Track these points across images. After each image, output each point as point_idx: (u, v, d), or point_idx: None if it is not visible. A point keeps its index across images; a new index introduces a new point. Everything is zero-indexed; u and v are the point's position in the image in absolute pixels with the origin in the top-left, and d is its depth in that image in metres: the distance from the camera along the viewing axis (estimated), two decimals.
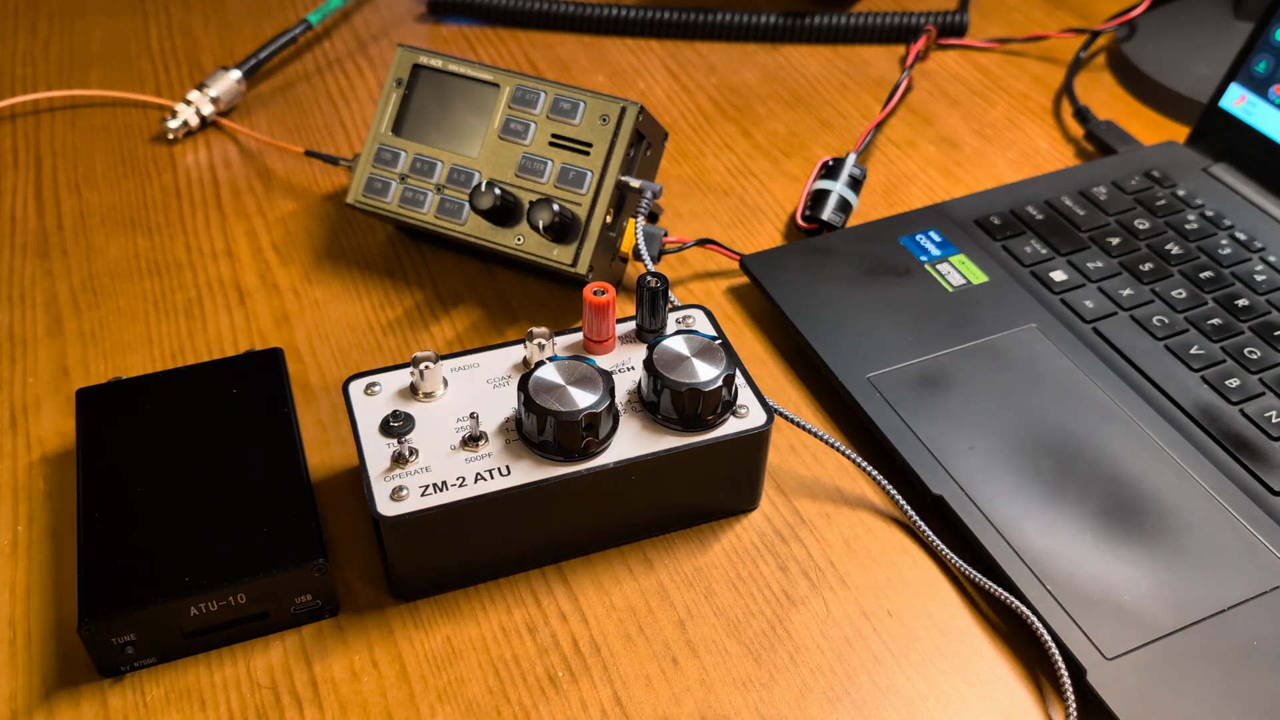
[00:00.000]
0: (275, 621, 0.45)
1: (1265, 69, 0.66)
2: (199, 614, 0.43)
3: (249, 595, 0.43)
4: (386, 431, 0.46)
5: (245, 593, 0.43)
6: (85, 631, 0.41)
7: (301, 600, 0.44)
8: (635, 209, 0.57)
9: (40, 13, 0.86)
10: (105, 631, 0.42)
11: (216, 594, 0.42)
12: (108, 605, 0.42)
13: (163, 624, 0.43)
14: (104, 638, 0.42)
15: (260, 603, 0.44)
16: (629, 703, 0.43)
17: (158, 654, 0.44)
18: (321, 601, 0.45)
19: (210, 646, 0.44)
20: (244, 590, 0.43)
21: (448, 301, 0.61)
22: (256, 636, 0.45)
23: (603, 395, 0.45)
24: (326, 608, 0.45)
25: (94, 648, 0.42)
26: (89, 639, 0.42)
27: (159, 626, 0.43)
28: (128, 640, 0.42)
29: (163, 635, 0.43)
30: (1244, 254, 0.61)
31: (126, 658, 0.43)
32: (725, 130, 0.75)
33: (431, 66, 0.60)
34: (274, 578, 0.43)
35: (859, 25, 0.83)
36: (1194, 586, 0.45)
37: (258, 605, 0.44)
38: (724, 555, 0.48)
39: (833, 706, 0.43)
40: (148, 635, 0.43)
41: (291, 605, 0.44)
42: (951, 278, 0.60)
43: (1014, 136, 0.74)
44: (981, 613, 0.46)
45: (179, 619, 0.43)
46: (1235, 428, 0.51)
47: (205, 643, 0.44)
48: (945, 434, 0.51)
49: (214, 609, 0.43)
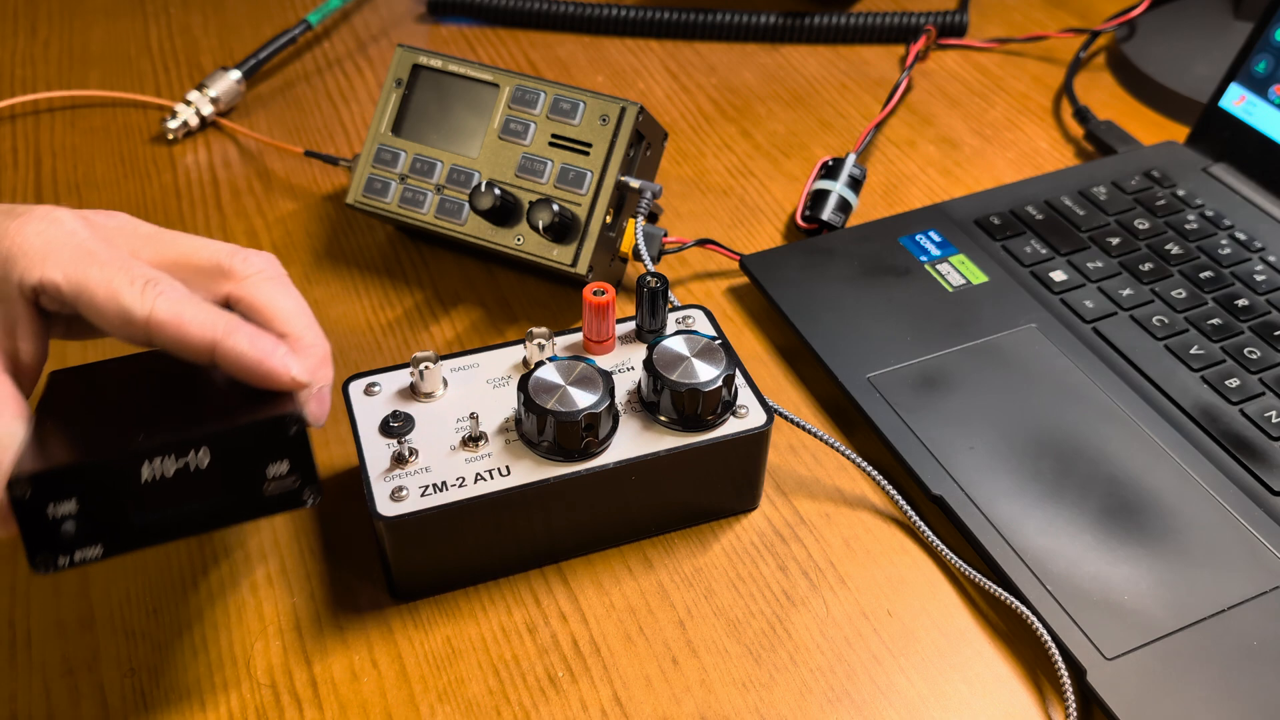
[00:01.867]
0: (246, 503, 0.38)
1: (1265, 69, 0.66)
2: (152, 480, 0.36)
3: (212, 453, 0.37)
4: (386, 432, 0.46)
5: (208, 448, 0.37)
6: (15, 492, 0.35)
7: (276, 473, 0.38)
8: (635, 209, 0.57)
9: (40, 13, 0.86)
10: (39, 493, 0.35)
11: (172, 446, 0.36)
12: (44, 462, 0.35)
13: (110, 490, 0.36)
14: (38, 504, 0.35)
15: (226, 470, 0.37)
16: (629, 703, 0.43)
17: (104, 540, 0.36)
18: (299, 477, 0.38)
19: (167, 535, 0.37)
20: (206, 444, 0.37)
21: (447, 301, 0.61)
22: (224, 524, 0.39)
23: (603, 395, 0.45)
24: (306, 487, 0.38)
25: (26, 520, 0.35)
26: (20, 505, 0.35)
27: (106, 494, 0.36)
28: (67, 513, 0.35)
29: (110, 511, 0.36)
30: (1244, 254, 0.61)
31: (65, 539, 0.36)
32: (725, 130, 0.75)
33: (431, 67, 0.60)
34: (241, 430, 0.37)
35: (859, 25, 0.83)
36: (1194, 586, 0.45)
37: (222, 473, 0.37)
38: (724, 555, 0.48)
39: (833, 707, 0.43)
40: (92, 507, 0.36)
41: (264, 480, 0.38)
42: (951, 278, 0.60)
43: (1014, 136, 0.74)
44: (981, 613, 0.46)
45: (128, 482, 0.36)
46: (1235, 428, 0.51)
47: (161, 527, 0.37)
48: (945, 434, 0.51)
49: (169, 474, 0.36)
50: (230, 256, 0.42)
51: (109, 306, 0.38)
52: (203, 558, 0.48)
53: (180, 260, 0.41)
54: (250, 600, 0.46)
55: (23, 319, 0.40)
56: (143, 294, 0.38)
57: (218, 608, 0.46)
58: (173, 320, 0.38)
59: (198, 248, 0.42)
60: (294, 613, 0.46)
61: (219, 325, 0.39)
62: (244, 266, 0.42)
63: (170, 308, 0.38)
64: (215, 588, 0.47)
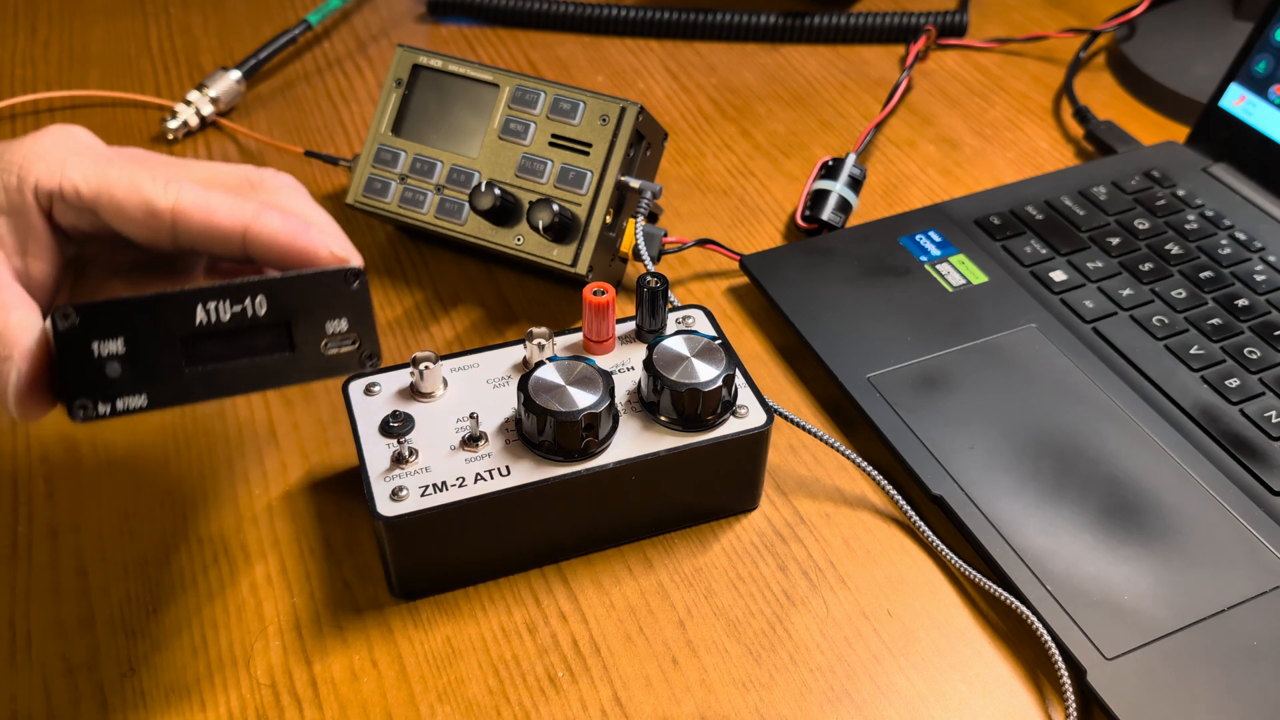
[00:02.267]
0: (301, 362, 0.36)
1: (1265, 69, 0.66)
2: (207, 324, 0.35)
3: (269, 301, 0.35)
4: (386, 432, 0.46)
5: (265, 295, 0.35)
6: (61, 322, 0.33)
7: (335, 330, 0.37)
8: (635, 209, 0.57)
9: (40, 13, 0.86)
10: (86, 327, 0.33)
11: (229, 290, 0.35)
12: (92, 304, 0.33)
13: (161, 333, 0.34)
14: (82, 339, 0.33)
15: (283, 322, 0.36)
16: (629, 703, 0.43)
17: (150, 389, 0.34)
18: (358, 337, 0.37)
19: (217, 391, 0.35)
20: (263, 291, 0.35)
21: (448, 301, 0.61)
22: (277, 383, 0.37)
23: (602, 395, 0.45)
24: (365, 350, 0.37)
25: (69, 357, 0.33)
26: (64, 337, 0.33)
27: (156, 337, 0.34)
28: (113, 353, 0.33)
29: (160, 356, 0.34)
30: (1244, 254, 0.61)
31: (108, 384, 0.34)
32: (725, 130, 0.75)
33: (431, 67, 0.60)
34: (300, 279, 0.36)
35: (859, 25, 0.83)
36: (1194, 586, 0.45)
37: (279, 326, 0.36)
38: (724, 555, 0.48)
39: (833, 707, 0.43)
40: (141, 350, 0.34)
41: (323, 336, 0.36)
42: (951, 278, 0.60)
43: (1014, 136, 0.74)
44: (981, 613, 0.46)
45: (181, 323, 0.34)
46: (1235, 428, 0.51)
47: (212, 381, 0.35)
48: (945, 434, 0.51)
49: (225, 317, 0.35)
50: (256, 173, 0.41)
51: (131, 200, 0.37)
52: (203, 558, 0.48)
53: (204, 179, 0.40)
54: (250, 600, 0.46)
55: (36, 233, 0.38)
56: (165, 187, 0.37)
57: (218, 608, 0.46)
58: (199, 207, 0.37)
59: (220, 169, 0.41)
60: (294, 613, 0.46)
61: (248, 209, 0.38)
62: (274, 180, 0.41)
63: (195, 196, 0.37)
64: (215, 588, 0.47)
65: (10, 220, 0.38)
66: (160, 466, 0.52)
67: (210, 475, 0.51)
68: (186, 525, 0.49)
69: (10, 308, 0.36)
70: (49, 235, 0.39)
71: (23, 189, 0.38)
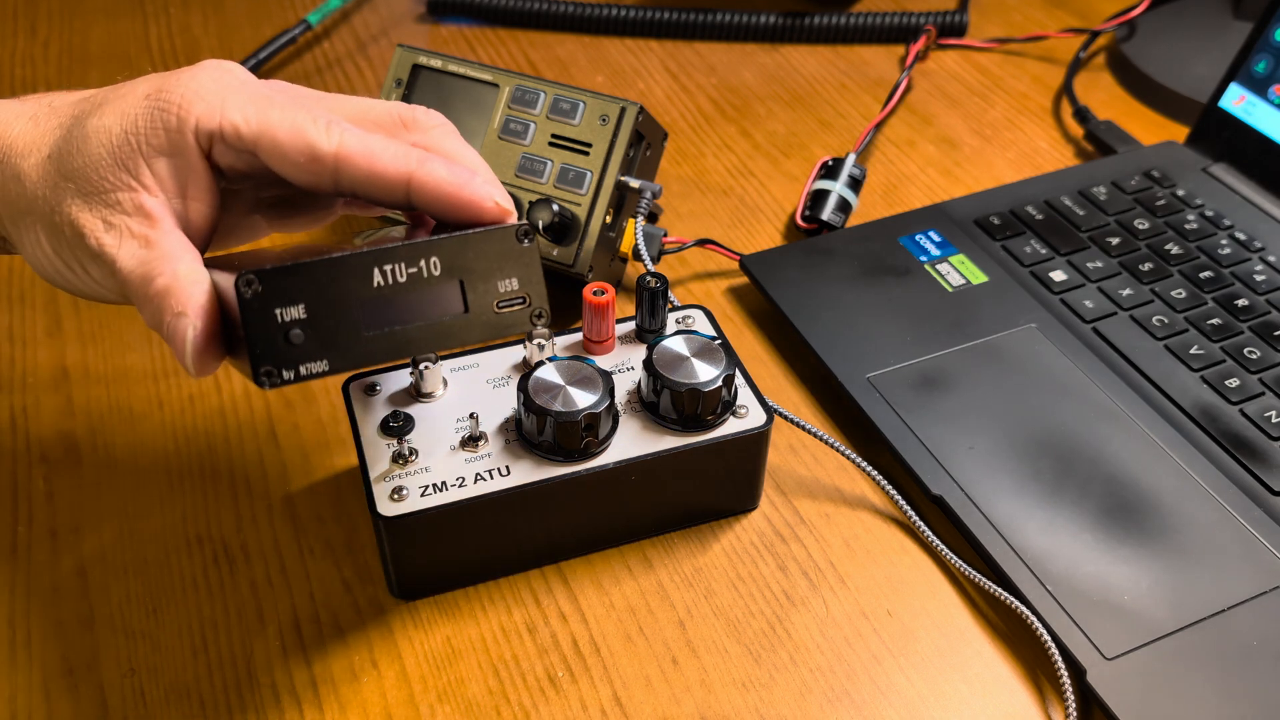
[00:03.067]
0: (475, 319, 0.37)
1: (1265, 69, 0.66)
2: (384, 286, 0.36)
3: (442, 262, 0.36)
4: (386, 432, 0.46)
5: (438, 257, 0.36)
6: (244, 289, 0.33)
7: (507, 289, 0.37)
8: (635, 209, 0.57)
9: (40, 13, 0.86)
10: (269, 294, 0.34)
11: (404, 253, 0.36)
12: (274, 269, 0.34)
13: (340, 298, 0.35)
14: (266, 306, 0.34)
15: (457, 282, 0.37)
16: (629, 703, 0.43)
17: (331, 354, 0.35)
18: (529, 295, 0.38)
19: (396, 353, 0.37)
20: (436, 253, 0.36)
21: None
22: (453, 342, 0.38)
23: (602, 395, 0.45)
24: (534, 308, 0.38)
25: (254, 324, 0.34)
26: (249, 306, 0.33)
27: (336, 300, 0.35)
28: (295, 319, 0.34)
29: (339, 320, 0.35)
30: (1244, 254, 0.61)
31: (293, 351, 0.35)
32: (725, 130, 0.75)
33: (431, 66, 0.60)
34: (473, 238, 0.37)
35: (859, 25, 0.83)
36: (1194, 586, 0.45)
37: (453, 287, 0.37)
38: (724, 555, 0.48)
39: (833, 706, 0.43)
40: (321, 315, 0.35)
41: (495, 296, 0.37)
42: (951, 278, 0.60)
43: (1014, 136, 0.74)
44: (981, 613, 0.46)
45: (360, 286, 0.35)
46: (1235, 428, 0.51)
47: (389, 344, 0.36)
48: (945, 434, 0.51)
49: (401, 279, 0.36)
50: (410, 110, 0.41)
51: (294, 144, 0.37)
52: (203, 558, 0.48)
53: (356, 116, 0.40)
54: (250, 600, 0.46)
55: (196, 174, 0.38)
56: (328, 131, 0.37)
57: (218, 608, 0.46)
58: (363, 153, 0.37)
59: (372, 105, 0.41)
60: (294, 613, 0.46)
61: (411, 156, 0.38)
62: (426, 119, 0.40)
63: (359, 141, 0.37)
64: (215, 588, 0.47)
65: (171, 162, 0.37)
66: (160, 466, 0.52)
67: (210, 475, 0.51)
68: (186, 525, 0.49)
69: (177, 258, 0.36)
70: (208, 176, 0.38)
71: (183, 129, 0.37)
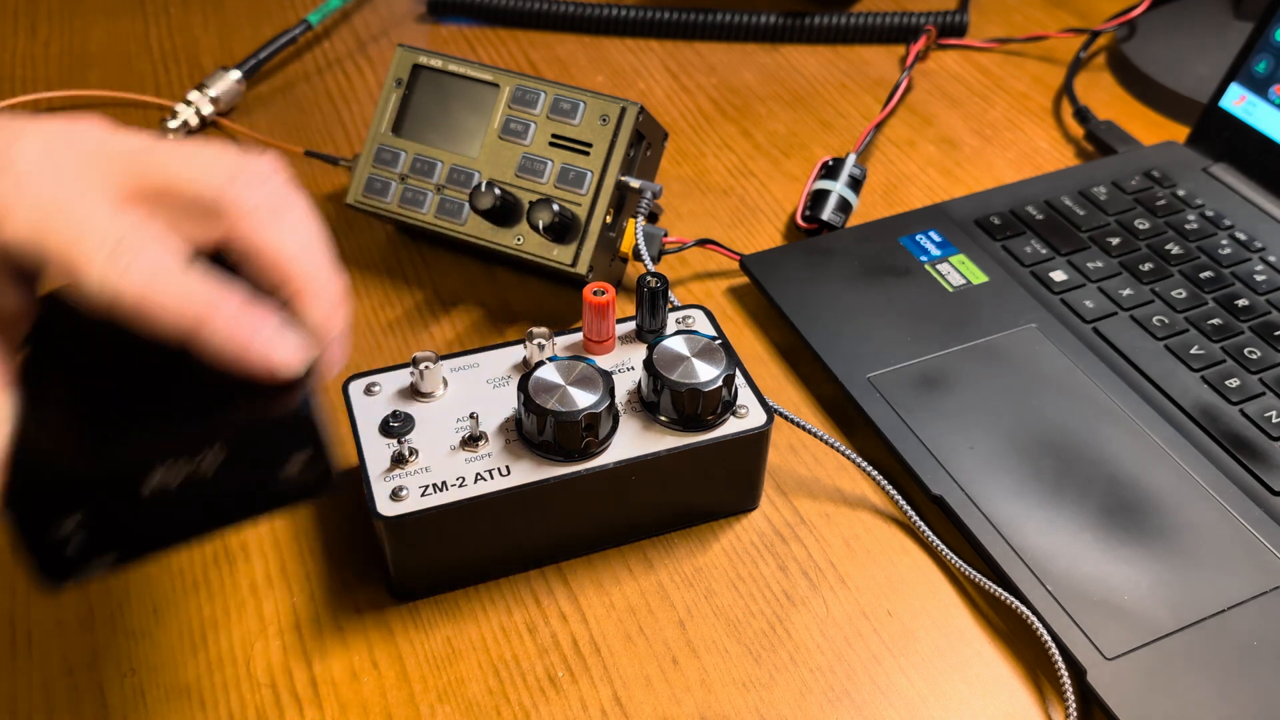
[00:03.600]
0: (258, 500, 0.35)
1: (1265, 69, 0.66)
2: (164, 483, 0.33)
3: (226, 448, 0.34)
4: (386, 432, 0.46)
5: (220, 443, 0.33)
6: (12, 512, 0.31)
7: (292, 467, 0.35)
8: (635, 209, 0.57)
9: (40, 13, 0.86)
10: (41, 510, 0.31)
11: (184, 445, 0.33)
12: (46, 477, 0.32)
13: (119, 498, 0.33)
14: (40, 520, 0.32)
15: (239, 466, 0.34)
16: (629, 703, 0.43)
17: (118, 547, 0.33)
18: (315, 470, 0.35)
19: (183, 536, 0.35)
20: (218, 440, 0.33)
21: (448, 301, 0.61)
22: (242, 519, 0.36)
23: (603, 395, 0.45)
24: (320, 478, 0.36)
25: (30, 538, 0.32)
26: (19, 524, 0.31)
27: (114, 503, 0.33)
28: (75, 526, 0.32)
29: (120, 515, 0.33)
30: (1244, 254, 0.61)
31: (73, 555, 0.33)
32: (725, 130, 0.75)
33: (431, 66, 0.60)
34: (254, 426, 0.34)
35: (859, 25, 0.83)
36: (1194, 586, 0.45)
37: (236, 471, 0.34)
38: (724, 555, 0.48)
39: (833, 706, 0.43)
40: (101, 518, 0.33)
41: (278, 474, 0.35)
42: (951, 278, 0.60)
43: (1014, 136, 0.74)
44: (981, 613, 0.46)
45: (139, 490, 0.33)
46: (1235, 428, 0.51)
47: (177, 525, 0.34)
48: (945, 434, 0.51)
49: (181, 476, 0.33)
50: (222, 191, 0.35)
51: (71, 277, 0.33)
52: (203, 558, 0.48)
53: (166, 189, 0.35)
54: (250, 600, 0.46)
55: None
56: (107, 268, 0.33)
57: (218, 607, 0.46)
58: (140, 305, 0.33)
59: (186, 177, 0.35)
60: (294, 613, 0.46)
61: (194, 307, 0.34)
62: (237, 203, 0.35)
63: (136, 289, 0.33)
64: (215, 587, 0.47)
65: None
66: None
67: None
68: None
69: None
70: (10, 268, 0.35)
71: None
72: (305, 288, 0.36)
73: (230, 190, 0.35)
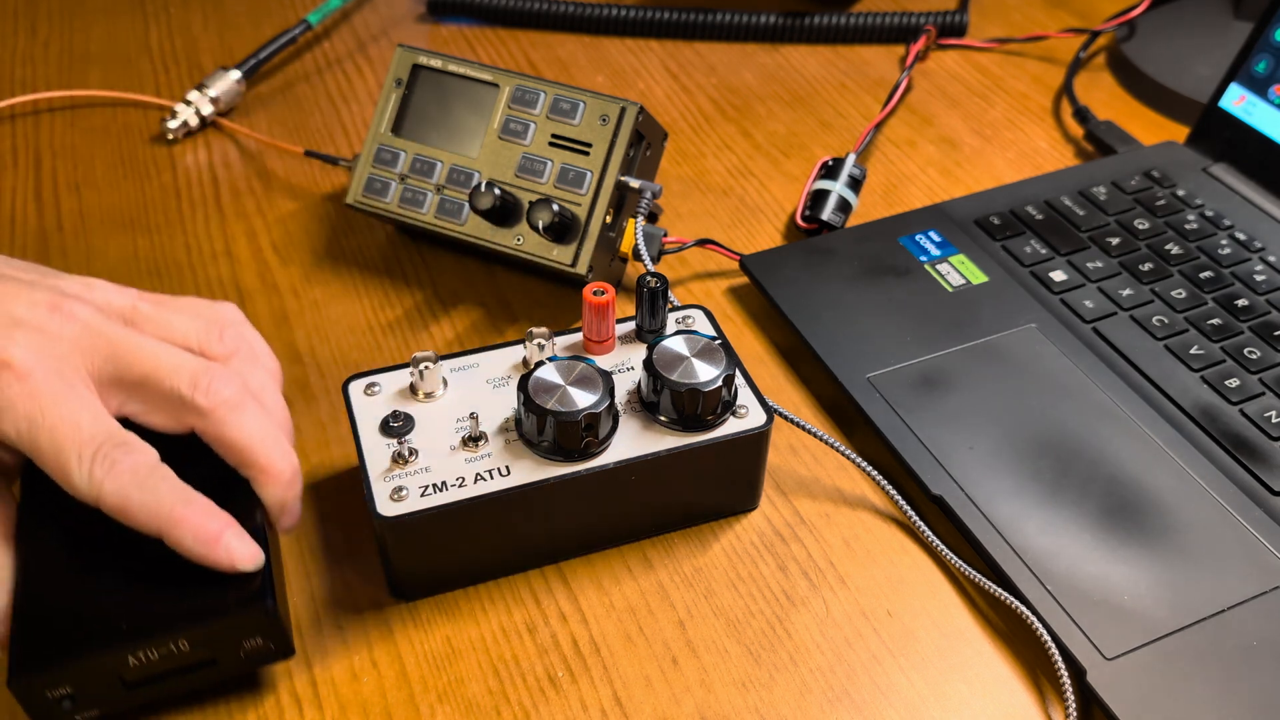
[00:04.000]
0: (224, 667, 0.41)
1: (1265, 69, 0.66)
2: (140, 664, 0.39)
3: (192, 642, 0.40)
4: (386, 431, 0.46)
5: (188, 639, 0.39)
6: (16, 685, 0.38)
7: (251, 645, 0.41)
8: (635, 209, 0.57)
9: (40, 13, 0.86)
10: (39, 685, 0.38)
11: (156, 642, 0.39)
12: (40, 656, 0.38)
13: (101, 675, 0.39)
14: (38, 692, 0.38)
15: (206, 649, 0.40)
16: (629, 703, 0.43)
17: (101, 706, 0.40)
18: (273, 644, 0.41)
19: (158, 696, 0.41)
20: (186, 637, 0.39)
21: (447, 301, 0.61)
22: (211, 681, 0.41)
23: (602, 395, 0.45)
24: (279, 650, 0.41)
25: (29, 703, 0.39)
26: (21, 693, 0.38)
27: (97, 678, 0.39)
28: (65, 694, 0.39)
29: (103, 687, 0.39)
30: (1244, 254, 0.61)
31: (65, 712, 0.39)
32: (725, 130, 0.75)
33: (431, 66, 0.60)
34: (218, 623, 0.40)
35: (859, 25, 0.83)
36: (1194, 586, 0.45)
37: (203, 652, 0.40)
38: (724, 555, 0.48)
39: (833, 707, 0.43)
40: (87, 688, 0.39)
41: (240, 650, 0.41)
42: (951, 278, 0.60)
43: (1014, 136, 0.74)
44: (981, 613, 0.46)
45: (118, 670, 0.39)
46: (1235, 428, 0.51)
47: (152, 692, 0.41)
48: (945, 434, 0.51)
49: (155, 658, 0.39)
50: (192, 389, 0.41)
51: (57, 477, 0.39)
52: None
53: (143, 382, 0.41)
54: None
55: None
56: (90, 472, 0.39)
57: None
58: (116, 504, 0.39)
59: (161, 374, 0.41)
60: (294, 613, 0.46)
61: (163, 511, 0.39)
62: (205, 400, 0.41)
63: (116, 493, 0.39)
64: None
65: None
66: None
67: None
68: None
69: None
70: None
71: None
72: (265, 470, 0.42)
73: (197, 394, 0.41)
